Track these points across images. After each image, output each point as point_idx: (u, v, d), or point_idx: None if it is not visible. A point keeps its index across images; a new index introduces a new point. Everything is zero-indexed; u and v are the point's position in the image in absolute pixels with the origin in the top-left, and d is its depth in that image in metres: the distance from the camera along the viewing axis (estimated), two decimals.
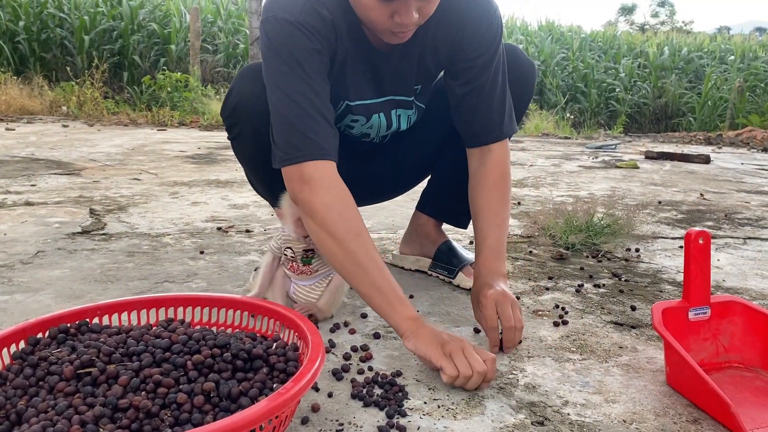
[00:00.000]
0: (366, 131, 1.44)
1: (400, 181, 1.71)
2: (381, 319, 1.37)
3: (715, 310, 1.17)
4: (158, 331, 0.96)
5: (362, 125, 1.42)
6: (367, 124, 1.42)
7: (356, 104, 1.37)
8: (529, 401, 1.05)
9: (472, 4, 1.30)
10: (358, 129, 1.44)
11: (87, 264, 1.70)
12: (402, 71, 1.35)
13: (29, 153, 3.88)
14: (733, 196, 3.28)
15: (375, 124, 1.42)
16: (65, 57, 8.97)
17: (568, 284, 1.67)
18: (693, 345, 1.15)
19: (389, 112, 1.42)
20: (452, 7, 1.28)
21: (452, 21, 1.29)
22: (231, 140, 1.43)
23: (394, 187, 1.74)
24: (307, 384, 0.80)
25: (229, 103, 1.36)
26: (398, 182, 1.72)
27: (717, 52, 12.59)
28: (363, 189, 1.63)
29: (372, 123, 1.42)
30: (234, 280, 1.61)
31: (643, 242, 2.18)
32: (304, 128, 1.17)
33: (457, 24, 1.29)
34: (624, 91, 11.01)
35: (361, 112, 1.39)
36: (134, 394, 0.82)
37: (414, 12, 1.11)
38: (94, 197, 2.62)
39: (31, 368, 0.89)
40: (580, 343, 1.29)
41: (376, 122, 1.42)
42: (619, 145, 6.24)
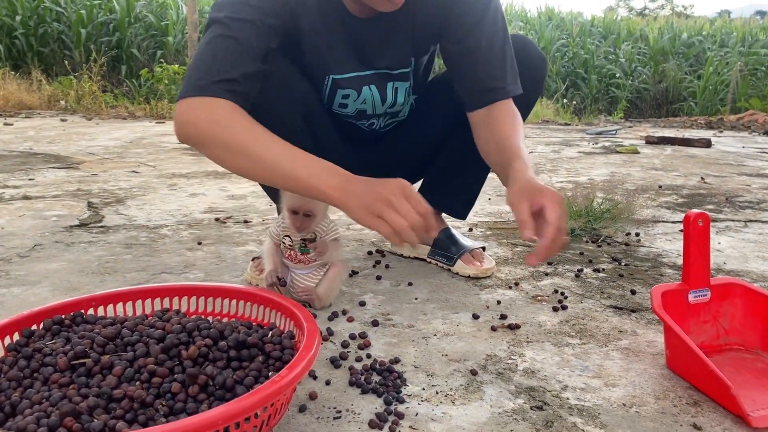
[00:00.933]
0: (361, 107, 1.42)
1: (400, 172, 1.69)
2: (380, 306, 1.37)
3: (715, 293, 1.17)
4: (153, 321, 0.96)
5: (354, 101, 1.40)
6: (360, 99, 1.40)
7: (342, 77, 1.35)
8: (528, 386, 1.04)
9: None
10: (352, 107, 1.41)
11: (84, 256, 1.70)
12: (394, 41, 1.33)
13: (27, 147, 3.87)
14: (735, 179, 3.26)
15: (368, 98, 1.40)
16: (63, 51, 8.93)
17: (568, 269, 1.66)
18: (693, 328, 1.15)
19: (384, 86, 1.40)
20: None
21: None
22: None
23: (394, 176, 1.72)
24: (303, 371, 0.80)
25: None
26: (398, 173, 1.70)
27: (718, 35, 12.51)
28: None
29: (364, 96, 1.39)
30: (232, 270, 1.60)
31: (644, 226, 2.17)
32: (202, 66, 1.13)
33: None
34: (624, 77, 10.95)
35: (349, 85, 1.37)
36: (128, 384, 0.82)
37: None
38: (92, 190, 2.61)
39: (25, 360, 0.88)
40: (580, 328, 1.29)
41: (368, 96, 1.39)
42: (619, 131, 6.21)
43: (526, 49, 1.47)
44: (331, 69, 1.33)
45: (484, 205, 2.46)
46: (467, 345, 1.19)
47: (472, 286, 1.52)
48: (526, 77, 1.45)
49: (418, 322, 1.30)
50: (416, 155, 1.63)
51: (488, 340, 1.22)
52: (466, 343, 1.20)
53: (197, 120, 1.11)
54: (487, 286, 1.52)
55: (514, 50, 1.40)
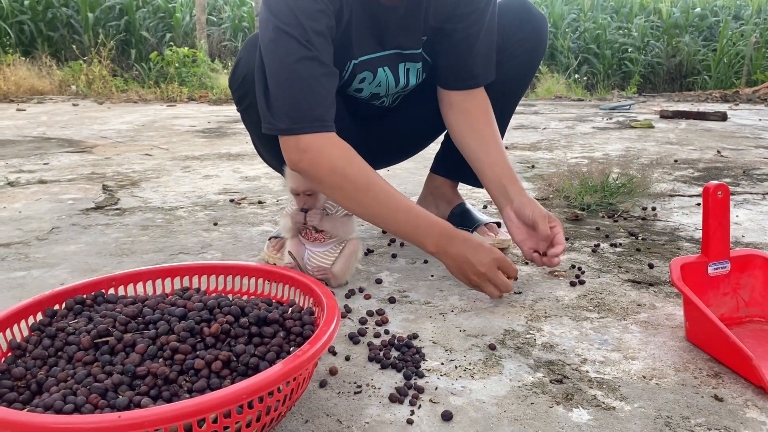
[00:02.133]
0: (375, 90, 1.42)
1: (413, 141, 1.69)
2: (396, 284, 1.38)
3: (735, 265, 1.16)
4: (174, 300, 0.96)
5: (370, 83, 1.39)
6: (375, 82, 1.39)
7: (360, 60, 1.35)
8: (547, 360, 1.04)
9: None
10: (367, 90, 1.41)
11: (101, 239, 1.71)
12: (408, 23, 1.33)
13: (41, 132, 3.89)
14: (751, 152, 3.22)
15: (383, 80, 1.40)
16: (72, 36, 8.93)
17: (585, 245, 1.66)
18: (713, 300, 1.14)
19: (396, 67, 1.39)
20: None
21: None
22: (241, 112, 1.42)
23: (407, 148, 1.72)
24: (324, 345, 0.80)
25: (237, 74, 1.34)
26: (411, 143, 1.70)
27: (732, 7, 12.29)
28: (375, 151, 1.62)
29: (379, 79, 1.39)
30: (248, 250, 1.61)
31: (660, 200, 2.15)
32: (301, 98, 1.15)
33: None
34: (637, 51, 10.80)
35: (366, 68, 1.37)
36: (152, 362, 0.82)
37: None
38: (106, 173, 2.63)
39: (49, 339, 0.89)
40: (598, 302, 1.28)
41: (383, 78, 1.39)
42: (633, 106, 6.14)
43: (528, 11, 1.50)
44: (353, 54, 1.33)
45: None
46: (485, 320, 1.19)
47: None
48: (530, 39, 1.49)
49: (435, 299, 1.30)
50: (424, 127, 1.63)
51: (506, 316, 1.22)
52: (484, 319, 1.20)
53: (313, 164, 1.19)
54: None
55: (517, 13, 1.48)
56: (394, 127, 1.59)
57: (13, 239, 1.70)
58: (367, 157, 1.57)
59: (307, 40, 1.15)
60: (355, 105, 1.49)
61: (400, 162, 1.81)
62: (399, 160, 1.79)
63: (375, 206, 1.21)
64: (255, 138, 1.48)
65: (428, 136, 1.69)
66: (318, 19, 1.16)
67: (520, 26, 1.48)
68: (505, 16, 1.47)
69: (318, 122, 1.17)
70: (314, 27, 1.15)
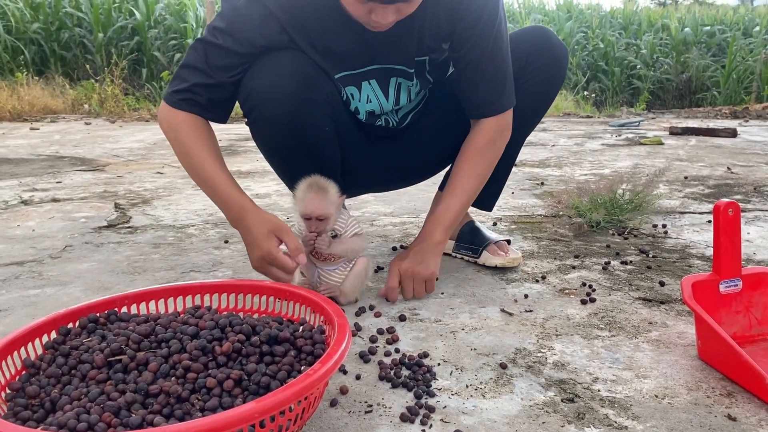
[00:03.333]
0: (368, 108, 1.44)
1: (426, 164, 1.69)
2: (407, 301, 1.38)
3: (747, 283, 1.15)
4: (186, 318, 0.97)
5: (359, 101, 1.43)
6: (362, 97, 1.42)
7: (341, 75, 1.38)
8: (558, 379, 1.04)
9: None
10: (362, 109, 1.44)
11: (114, 257, 1.73)
12: (397, 40, 1.34)
13: (54, 151, 3.94)
14: (762, 168, 3.21)
15: (370, 94, 1.42)
16: (85, 55, 9.05)
17: (595, 262, 1.65)
18: (725, 318, 1.13)
19: (386, 81, 1.41)
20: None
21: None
22: (249, 125, 1.43)
23: (421, 170, 1.72)
24: (335, 365, 0.80)
25: (245, 90, 1.36)
26: (424, 165, 1.70)
27: (741, 23, 12.30)
28: (388, 172, 1.63)
29: (366, 93, 1.42)
30: None
31: (671, 218, 2.14)
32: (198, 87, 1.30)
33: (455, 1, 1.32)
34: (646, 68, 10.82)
35: (349, 83, 1.40)
36: (164, 380, 0.83)
37: (391, 14, 1.17)
38: (118, 192, 2.65)
39: (63, 357, 0.90)
40: (609, 320, 1.28)
41: (370, 92, 1.42)
42: (642, 122, 6.14)
43: (547, 39, 1.48)
44: (332, 71, 1.37)
45: (507, 199, 2.45)
46: (495, 339, 1.19)
47: (498, 280, 1.52)
48: (547, 69, 1.46)
49: (446, 317, 1.30)
50: (438, 149, 1.63)
51: (517, 334, 1.21)
52: (495, 337, 1.20)
53: (163, 127, 1.37)
54: (514, 280, 1.52)
55: (535, 41, 1.45)
56: (407, 149, 1.59)
57: (26, 257, 1.72)
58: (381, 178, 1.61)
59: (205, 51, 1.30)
60: (368, 128, 1.51)
61: (414, 183, 1.81)
62: (413, 181, 1.79)
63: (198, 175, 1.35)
64: (263, 151, 1.49)
65: (441, 161, 1.68)
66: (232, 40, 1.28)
67: (537, 55, 1.47)
68: (522, 43, 1.46)
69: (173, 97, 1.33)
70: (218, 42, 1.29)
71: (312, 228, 1.30)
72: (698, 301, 1.07)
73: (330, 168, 1.41)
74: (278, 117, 1.30)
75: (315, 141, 1.37)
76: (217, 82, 1.30)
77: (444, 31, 1.36)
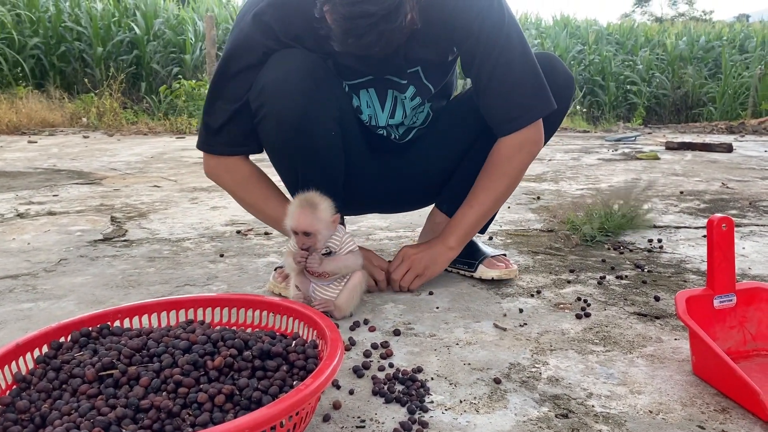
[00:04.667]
0: (368, 112, 1.49)
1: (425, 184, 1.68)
2: (401, 315, 1.38)
3: (741, 298, 1.15)
4: (178, 333, 0.97)
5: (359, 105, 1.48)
6: (362, 102, 1.47)
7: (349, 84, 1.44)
8: (552, 394, 1.04)
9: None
10: (365, 112, 1.49)
11: (109, 270, 1.72)
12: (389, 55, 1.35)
13: (51, 164, 3.94)
14: (758, 183, 3.22)
15: (368, 101, 1.46)
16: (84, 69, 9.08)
17: (590, 277, 1.65)
18: (719, 333, 1.13)
19: (383, 93, 1.44)
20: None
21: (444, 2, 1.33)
22: (257, 124, 1.41)
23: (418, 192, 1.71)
24: (327, 380, 0.80)
25: (257, 84, 1.36)
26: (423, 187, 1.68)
27: (737, 39, 12.39)
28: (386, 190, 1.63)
29: (365, 99, 1.46)
30: (254, 281, 1.61)
31: (666, 232, 2.15)
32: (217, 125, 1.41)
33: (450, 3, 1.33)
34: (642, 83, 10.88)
35: (352, 90, 1.45)
36: (155, 395, 0.83)
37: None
38: (115, 205, 2.65)
39: (54, 372, 0.90)
40: (604, 335, 1.28)
41: (367, 99, 1.46)
42: (639, 137, 6.16)
43: (553, 67, 1.47)
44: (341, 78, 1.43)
45: (503, 213, 2.45)
46: (490, 353, 1.19)
47: (493, 294, 1.52)
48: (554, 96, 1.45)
49: (440, 331, 1.30)
50: (440, 168, 1.63)
51: (511, 349, 1.21)
52: (489, 352, 1.20)
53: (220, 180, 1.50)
54: (509, 294, 1.52)
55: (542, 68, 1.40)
56: (410, 165, 1.60)
57: (21, 271, 1.72)
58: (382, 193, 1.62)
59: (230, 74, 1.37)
60: (374, 139, 1.53)
61: (414, 207, 1.82)
62: (413, 204, 1.79)
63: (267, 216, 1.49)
64: (269, 151, 1.48)
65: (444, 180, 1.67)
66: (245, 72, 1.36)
67: None
68: None
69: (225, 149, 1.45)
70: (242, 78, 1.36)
71: (300, 243, 1.29)
72: (692, 316, 1.07)
73: (332, 174, 1.42)
74: (285, 115, 1.32)
75: (320, 142, 1.37)
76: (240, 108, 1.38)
77: (442, 41, 1.36)
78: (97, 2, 9.76)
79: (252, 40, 1.33)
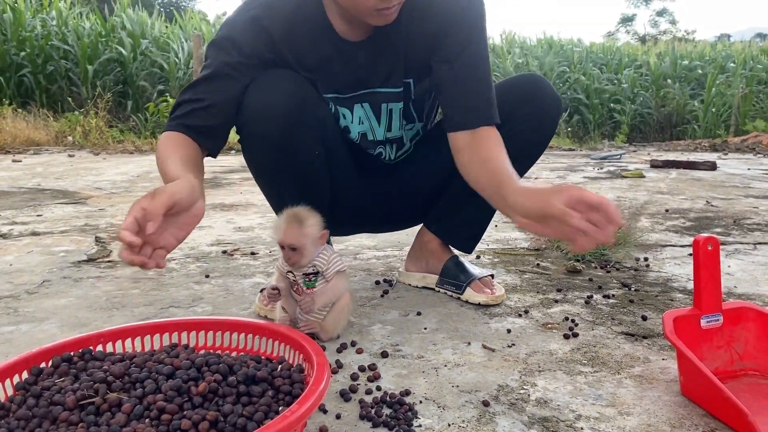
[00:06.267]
0: (361, 129, 1.46)
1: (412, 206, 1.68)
2: (389, 336, 1.36)
3: (728, 317, 1.15)
4: (162, 357, 0.95)
5: (350, 122, 1.44)
6: (355, 118, 1.44)
7: (331, 96, 1.40)
8: (541, 416, 1.03)
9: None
10: (354, 130, 1.46)
11: (92, 292, 1.70)
12: (385, 61, 1.36)
13: (35, 183, 3.90)
14: (741, 201, 3.25)
15: (362, 116, 1.44)
16: (70, 88, 9.05)
17: (577, 296, 1.65)
18: (706, 353, 1.13)
19: (377, 106, 1.43)
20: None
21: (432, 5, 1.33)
22: (240, 141, 1.41)
23: (406, 212, 1.71)
24: (313, 406, 0.79)
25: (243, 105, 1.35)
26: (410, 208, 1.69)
27: (719, 59, 12.60)
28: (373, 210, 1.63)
29: (358, 115, 1.43)
30: (240, 303, 1.60)
31: (652, 251, 2.16)
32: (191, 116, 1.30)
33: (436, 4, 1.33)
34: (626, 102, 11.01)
35: (340, 104, 1.41)
36: (138, 422, 0.81)
37: None
38: (99, 225, 2.63)
39: (34, 398, 0.88)
40: (592, 355, 1.27)
41: (362, 114, 1.43)
42: (624, 155, 6.22)
43: (537, 87, 1.47)
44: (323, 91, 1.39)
45: (491, 232, 2.45)
46: (478, 375, 1.18)
47: (481, 314, 1.51)
48: (535, 118, 1.45)
49: (428, 353, 1.29)
50: (427, 188, 1.63)
51: (499, 370, 1.20)
52: (477, 374, 1.19)
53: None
54: (497, 314, 1.51)
55: (526, 88, 1.43)
56: (397, 185, 1.60)
57: (2, 293, 1.69)
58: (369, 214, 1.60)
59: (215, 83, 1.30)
60: (362, 159, 1.52)
61: (401, 227, 1.82)
62: (400, 224, 1.79)
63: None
64: (253, 171, 1.48)
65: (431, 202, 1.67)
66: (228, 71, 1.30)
67: (525, 102, 1.45)
68: (513, 88, 1.47)
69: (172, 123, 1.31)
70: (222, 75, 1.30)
71: (287, 257, 1.28)
72: (680, 336, 1.07)
73: (317, 195, 1.41)
74: (269, 135, 1.32)
75: (304, 163, 1.37)
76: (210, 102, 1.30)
77: (428, 48, 1.36)
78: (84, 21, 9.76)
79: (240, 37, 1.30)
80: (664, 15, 30.26)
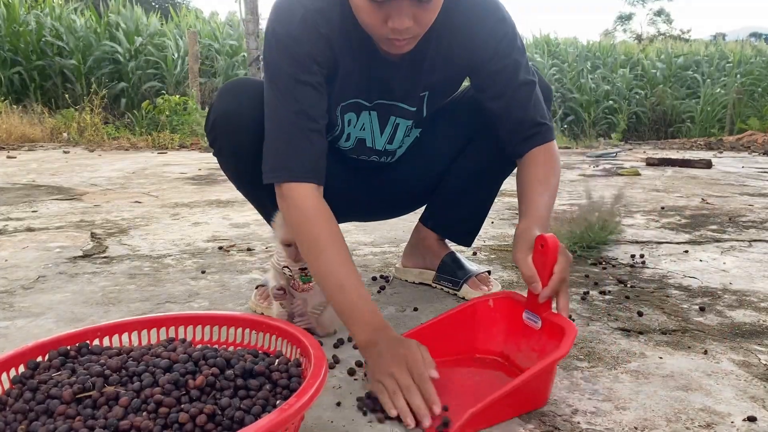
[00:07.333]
0: (360, 135, 1.41)
1: (409, 199, 1.68)
2: None
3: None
4: (159, 351, 0.95)
5: (353, 126, 1.39)
6: (358, 124, 1.38)
7: (345, 103, 1.34)
8: (538, 411, 1.03)
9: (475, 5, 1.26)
10: (353, 135, 1.41)
11: (88, 287, 1.69)
12: (404, 78, 1.31)
13: (30, 180, 3.89)
14: (737, 199, 3.26)
15: (366, 123, 1.38)
16: (65, 84, 9.02)
17: (574, 292, 1.66)
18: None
19: (386, 117, 1.38)
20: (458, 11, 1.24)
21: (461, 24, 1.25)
22: (215, 155, 1.41)
23: (399, 205, 1.72)
24: (310, 399, 0.79)
25: (209, 119, 1.36)
26: (404, 201, 1.69)
27: (714, 58, 12.63)
28: (373, 202, 1.62)
29: (363, 121, 1.38)
30: (236, 298, 1.60)
31: (648, 248, 2.16)
32: (285, 149, 1.18)
33: (466, 25, 1.26)
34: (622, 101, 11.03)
35: (350, 109, 1.35)
36: (135, 415, 0.81)
37: (407, 18, 1.06)
38: (95, 221, 2.62)
39: (30, 392, 0.87)
40: (588, 351, 1.28)
41: (367, 122, 1.38)
42: (620, 153, 6.23)
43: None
44: (339, 99, 1.32)
45: (487, 228, 2.46)
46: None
47: None
48: None
49: None
50: (422, 183, 1.62)
51: None
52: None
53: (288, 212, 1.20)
54: None
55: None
56: (390, 181, 1.58)
57: None
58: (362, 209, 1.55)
59: (292, 92, 1.17)
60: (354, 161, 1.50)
61: (401, 215, 1.80)
62: (395, 214, 1.79)
63: (319, 275, 1.17)
64: (233, 182, 1.48)
65: (425, 195, 1.66)
66: (305, 66, 1.17)
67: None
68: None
69: (295, 171, 1.17)
70: (300, 77, 1.17)
71: (293, 256, 1.28)
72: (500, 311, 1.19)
73: None
74: (240, 147, 1.30)
75: None
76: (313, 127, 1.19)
77: (458, 61, 1.30)
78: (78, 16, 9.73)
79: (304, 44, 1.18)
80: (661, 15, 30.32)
